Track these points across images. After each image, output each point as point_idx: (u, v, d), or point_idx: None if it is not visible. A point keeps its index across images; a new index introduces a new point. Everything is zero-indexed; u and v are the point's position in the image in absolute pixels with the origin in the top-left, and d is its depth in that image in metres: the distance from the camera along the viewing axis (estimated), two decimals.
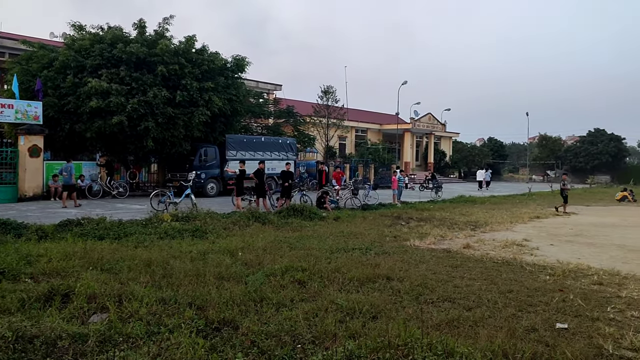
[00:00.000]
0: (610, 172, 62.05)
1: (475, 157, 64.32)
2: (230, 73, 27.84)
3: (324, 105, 42.90)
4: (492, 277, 8.72)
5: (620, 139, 64.46)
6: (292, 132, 37.83)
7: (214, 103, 25.18)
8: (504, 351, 4.81)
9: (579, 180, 59.85)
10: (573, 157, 65.12)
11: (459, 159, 63.97)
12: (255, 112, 36.02)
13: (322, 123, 42.95)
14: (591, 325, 6.20)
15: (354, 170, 40.92)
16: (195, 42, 26.54)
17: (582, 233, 15.36)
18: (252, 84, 40.16)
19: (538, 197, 32.16)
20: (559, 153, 67.41)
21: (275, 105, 39.96)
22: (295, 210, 16.52)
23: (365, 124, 56.68)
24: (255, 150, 29.07)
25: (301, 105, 44.15)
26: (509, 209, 22.57)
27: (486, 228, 15.67)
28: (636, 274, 9.32)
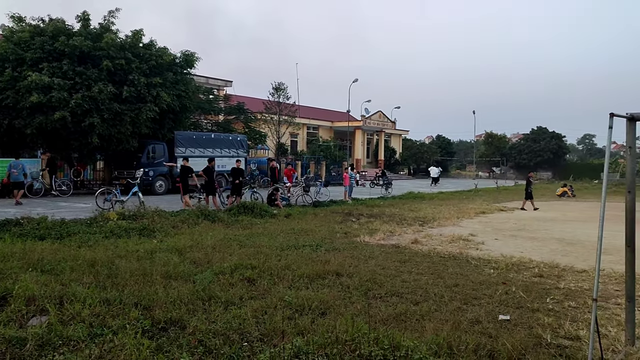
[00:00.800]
0: (552, 168, 64.53)
1: (424, 155, 65.61)
2: (179, 69, 27.33)
3: (275, 102, 42.78)
4: (439, 271, 8.92)
5: (560, 136, 67.09)
6: (243, 129, 37.53)
7: (163, 99, 24.67)
8: (449, 343, 4.93)
9: (522, 176, 61.93)
10: (517, 154, 67.31)
11: (408, 156, 65.08)
12: (205, 109, 35.54)
13: (273, 120, 42.82)
14: (531, 316, 6.44)
15: (306, 167, 40.99)
16: (143, 36, 25.91)
17: (524, 227, 15.92)
18: (201, 80, 39.57)
19: (484, 193, 33.12)
20: (504, 150, 69.53)
21: (225, 102, 39.53)
22: (245, 207, 16.40)
23: (317, 121, 56.85)
24: (205, 147, 28.68)
25: (252, 101, 43.86)
26: (456, 204, 23.13)
27: (434, 223, 16.01)
28: (574, 266, 9.73)
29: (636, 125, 5.52)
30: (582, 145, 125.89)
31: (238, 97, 41.99)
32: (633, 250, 5.57)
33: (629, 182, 5.78)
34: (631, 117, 5.49)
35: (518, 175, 62.85)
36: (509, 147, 70.68)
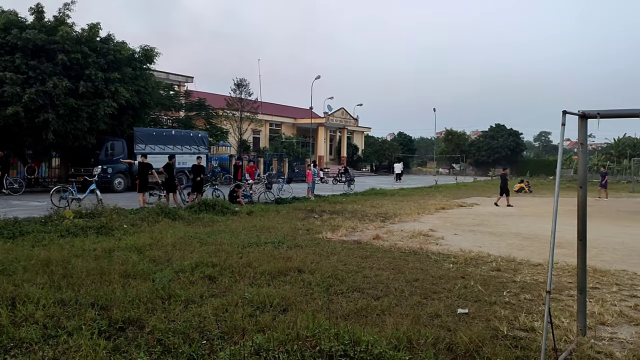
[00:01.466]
0: (509, 165, 65.98)
1: (386, 151, 66.20)
2: (138, 64, 26.80)
3: (237, 99, 42.39)
4: (400, 266, 9.02)
5: (518, 134, 68.76)
6: (204, 126, 37.09)
7: (121, 94, 24.14)
8: (409, 337, 4.99)
9: (481, 172, 63.27)
10: (476, 150, 68.64)
11: (370, 153, 65.55)
12: (166, 105, 34.97)
13: (235, 116, 42.43)
14: (489, 309, 6.58)
15: (268, 164, 40.82)
16: (100, 30, 25.29)
17: (483, 222, 16.25)
18: (162, 75, 38.88)
19: (444, 189, 33.65)
20: (464, 147, 70.82)
21: (186, 98, 38.98)
22: (207, 205, 16.22)
23: (280, 117, 56.65)
24: (165, 143, 28.21)
25: (214, 98, 43.36)
26: (417, 200, 23.43)
27: (395, 219, 16.18)
28: (530, 259, 9.99)
29: (587, 123, 5.71)
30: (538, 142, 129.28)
31: (199, 93, 41.46)
32: (584, 243, 5.76)
33: (580, 178, 5.96)
34: (582, 114, 5.66)
35: (477, 172, 64.12)
36: (469, 144, 71.99)
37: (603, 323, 6.19)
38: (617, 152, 61.33)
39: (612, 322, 6.21)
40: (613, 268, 9.30)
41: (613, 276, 8.67)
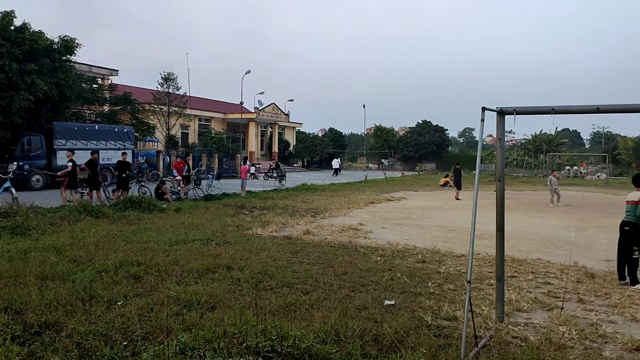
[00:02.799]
0: (435, 160, 68.21)
1: (318, 147, 66.57)
2: (58, 55, 25.47)
3: (164, 93, 41.16)
4: (329, 260, 9.12)
5: (443, 130, 71.08)
6: (130, 121, 35.82)
7: (38, 87, 22.88)
8: (336, 330, 5.05)
9: (409, 168, 64.95)
10: (404, 146, 70.34)
11: (302, 149, 65.72)
12: (88, 99, 33.45)
13: (162, 111, 41.23)
14: (414, 300, 6.77)
15: (197, 160, 40.02)
16: (14, 18, 23.83)
17: (410, 216, 16.70)
18: (84, 67, 37.19)
19: (373, 184, 34.29)
20: (392, 143, 72.38)
21: (111, 92, 37.47)
22: (132, 202, 15.69)
23: (209, 112, 55.65)
24: (88, 139, 27.03)
25: (140, 92, 41.97)
26: (347, 195, 23.73)
27: (325, 214, 16.32)
28: (453, 251, 10.37)
29: (505, 119, 5.98)
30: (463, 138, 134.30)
31: (125, 87, 39.98)
32: (502, 234, 6.04)
33: (498, 172, 6.24)
34: (501, 111, 5.93)
35: (405, 167, 65.76)
36: (397, 139, 73.65)
37: (519, 309, 6.53)
38: (534, 148, 64.71)
39: (527, 308, 6.57)
40: (529, 257, 9.83)
41: (529, 265, 9.16)
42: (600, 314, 6.40)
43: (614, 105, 5.77)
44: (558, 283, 7.93)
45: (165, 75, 41.24)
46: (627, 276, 7.95)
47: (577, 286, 7.76)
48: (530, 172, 53.91)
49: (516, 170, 56.54)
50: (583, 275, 8.43)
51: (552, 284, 7.86)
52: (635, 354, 5.12)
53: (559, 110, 5.71)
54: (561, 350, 4.94)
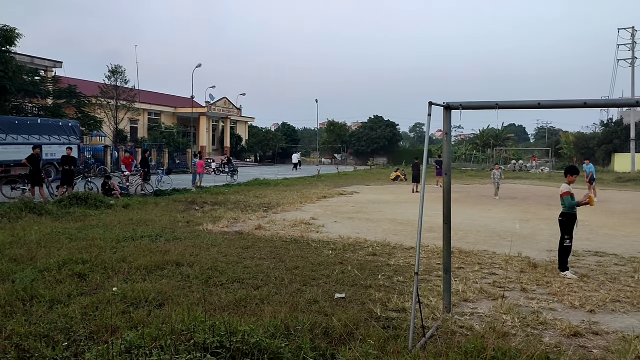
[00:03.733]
0: (387, 154, 69.05)
1: (270, 142, 66.29)
2: None
3: (112, 86, 40.05)
4: (281, 255, 9.11)
5: (394, 125, 72.03)
6: (76, 114, 34.65)
7: None
8: (287, 325, 5.05)
9: (361, 162, 65.53)
10: (357, 141, 70.90)
11: (254, 144, 65.26)
12: (30, 92, 32.14)
13: (110, 105, 40.10)
14: (365, 293, 6.85)
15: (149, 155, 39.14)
16: None
17: (362, 210, 16.86)
18: (25, 59, 35.69)
19: (326, 178, 34.43)
20: (345, 138, 72.85)
21: (54, 84, 36.08)
22: (78, 199, 15.20)
23: (159, 106, 54.46)
24: (30, 133, 25.94)
25: (86, 85, 40.62)
26: (299, 190, 23.74)
27: (278, 209, 16.28)
28: (403, 244, 10.53)
29: (452, 114, 6.11)
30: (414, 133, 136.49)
31: (70, 80, 38.55)
32: (449, 227, 6.18)
33: (445, 165, 6.38)
34: (447, 106, 6.05)
35: (358, 162, 66.30)
36: (349, 134, 74.14)
37: (466, 300, 6.70)
38: (482, 142, 66.46)
39: (473, 298, 6.75)
40: (476, 249, 10.11)
41: (476, 256, 9.42)
42: (541, 302, 6.64)
43: (553, 101, 5.99)
44: (503, 273, 8.17)
45: (113, 68, 40.14)
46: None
47: (520, 276, 8.03)
48: (478, 166, 55.36)
49: (465, 164, 57.93)
50: (526, 265, 8.73)
51: (497, 275, 8.10)
52: (573, 339, 5.35)
53: (502, 106, 5.88)
54: (504, 338, 5.10)
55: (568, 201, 8.26)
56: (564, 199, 8.31)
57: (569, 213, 8.27)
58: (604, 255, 9.82)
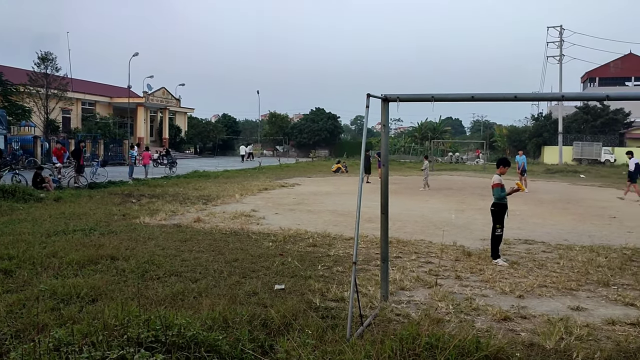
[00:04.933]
0: (329, 146, 69.51)
1: (210, 133, 65.26)
2: None
3: (41, 74, 38.19)
4: (220, 247, 9.01)
5: (336, 117, 72.54)
6: (2, 103, 32.87)
7: None
8: (225, 317, 4.99)
9: (303, 154, 65.66)
10: (298, 133, 70.94)
11: (194, 135, 64.06)
12: None
13: (40, 93, 38.26)
14: (304, 283, 6.88)
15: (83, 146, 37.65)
16: None
17: (303, 201, 16.90)
18: None
19: (267, 170, 34.28)
20: (287, 129, 72.74)
21: None
22: (4, 191, 14.44)
23: (94, 96, 52.47)
24: None
25: (13, 72, 38.57)
26: (240, 182, 23.53)
27: (218, 201, 16.07)
28: (343, 234, 10.64)
29: (390, 106, 6.19)
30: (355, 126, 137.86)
31: None
32: (387, 217, 6.28)
33: (383, 157, 6.47)
34: (385, 97, 6.13)
35: (299, 154, 66.37)
36: (291, 126, 74.09)
37: (403, 288, 6.85)
38: (420, 135, 67.99)
39: (410, 286, 6.91)
40: (413, 238, 10.35)
41: (413, 245, 9.64)
42: (474, 289, 6.88)
43: (486, 94, 6.20)
44: (438, 262, 8.41)
45: (43, 55, 38.27)
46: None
47: (455, 264, 8.29)
48: (416, 158, 56.60)
49: (404, 156, 59.11)
50: (461, 253, 9.02)
51: (433, 263, 8.32)
52: (503, 323, 5.58)
53: (438, 98, 6.03)
54: (438, 324, 5.25)
55: (497, 192, 8.59)
56: (494, 190, 8.64)
57: (500, 203, 8.60)
58: (532, 242, 10.28)
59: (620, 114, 53.17)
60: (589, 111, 53.13)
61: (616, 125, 53.19)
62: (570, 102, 58.42)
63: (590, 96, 11.64)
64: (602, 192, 21.82)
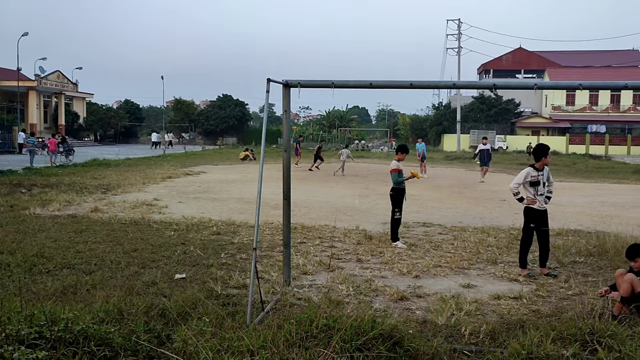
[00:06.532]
0: (237, 134, 68.55)
1: (112, 120, 62.23)
2: None
3: None
4: (119, 238, 8.66)
5: (244, 104, 71.58)
6: None
7: None
8: (119, 309, 4.80)
9: (210, 142, 64.37)
10: (205, 120, 69.29)
11: (94, 122, 60.73)
12: None
13: None
14: (206, 272, 6.77)
15: None
16: None
17: (208, 190, 16.59)
18: None
19: (173, 158, 33.26)
20: (193, 116, 70.81)
21: None
22: None
23: None
24: None
25: None
26: (143, 170, 22.67)
27: (118, 190, 15.39)
28: (248, 222, 10.56)
29: (291, 91, 6.19)
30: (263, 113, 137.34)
31: None
32: (289, 202, 6.31)
33: (284, 143, 6.48)
34: (286, 83, 6.12)
35: (206, 141, 65.02)
36: (197, 113, 72.26)
37: (306, 272, 6.94)
38: (328, 123, 68.85)
39: (313, 270, 7.01)
40: (318, 224, 10.48)
41: (317, 231, 9.78)
42: (374, 271, 7.10)
43: (384, 81, 6.36)
44: (341, 246, 8.60)
45: None
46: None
47: (357, 247, 8.51)
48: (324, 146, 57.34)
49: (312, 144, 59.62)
50: (363, 237, 9.27)
51: (336, 247, 8.49)
52: (400, 303, 5.81)
53: (338, 85, 6.09)
54: (338, 306, 5.36)
55: (395, 177, 8.89)
56: (392, 175, 8.93)
57: (399, 188, 8.90)
58: (430, 225, 10.76)
59: (512, 104, 56.79)
60: (484, 101, 56.28)
61: (508, 115, 56.74)
62: (468, 92, 61.84)
63: (479, 84, 12.33)
64: (494, 177, 23.25)
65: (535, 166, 7.08)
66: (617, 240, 8.36)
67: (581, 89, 6.30)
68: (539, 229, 7.09)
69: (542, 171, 7.06)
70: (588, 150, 48.75)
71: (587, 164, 32.94)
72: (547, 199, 7.13)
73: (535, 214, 7.05)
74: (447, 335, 4.79)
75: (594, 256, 8.03)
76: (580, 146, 50.71)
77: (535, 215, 7.05)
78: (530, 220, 7.09)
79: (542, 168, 7.08)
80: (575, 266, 7.59)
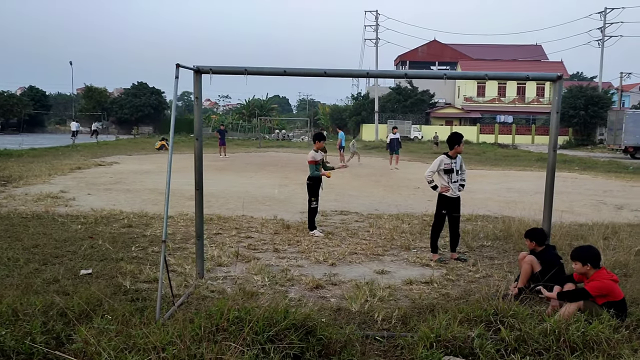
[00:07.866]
0: (153, 123, 66.23)
1: (14, 107, 58.24)
2: None
3: None
4: (18, 233, 8.09)
5: (160, 92, 69.21)
6: None
7: None
8: (14, 309, 4.45)
9: (124, 131, 61.79)
10: (119, 108, 66.39)
11: None
12: None
13: None
14: (115, 266, 6.46)
15: None
16: None
17: (121, 180, 15.88)
18: None
19: (83, 148, 31.59)
20: (106, 105, 67.65)
21: None
22: None
23: None
24: None
25: None
26: (49, 161, 21.34)
27: (20, 182, 14.38)
28: (161, 213, 10.16)
29: (202, 78, 5.99)
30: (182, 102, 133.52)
31: None
32: (201, 193, 6.14)
33: (196, 131, 6.28)
34: (197, 69, 5.92)
35: (120, 130, 62.37)
36: (111, 101, 69.10)
37: (221, 264, 6.78)
38: (248, 112, 68.12)
39: (227, 262, 6.86)
40: (235, 214, 10.30)
41: (234, 221, 9.60)
42: (290, 260, 7.06)
43: (297, 69, 6.29)
44: (258, 236, 8.50)
45: None
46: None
47: (274, 237, 8.44)
48: (244, 135, 56.71)
49: (232, 133, 58.76)
50: (280, 227, 9.20)
51: (253, 238, 8.38)
52: (315, 291, 5.81)
53: (251, 72, 5.96)
54: (252, 298, 5.28)
55: (312, 169, 8.86)
56: (310, 166, 8.89)
57: (315, 177, 8.90)
58: (347, 213, 10.88)
59: (427, 95, 58.65)
60: (400, 92, 57.74)
61: (423, 105, 58.57)
62: (386, 83, 63.22)
63: (392, 74, 12.61)
64: (409, 166, 23.91)
65: (449, 154, 7.29)
66: (521, 224, 8.80)
67: (487, 79, 6.54)
68: (451, 215, 7.33)
69: (455, 159, 7.27)
70: (497, 140, 51.36)
71: (496, 153, 34.71)
72: (460, 187, 7.37)
73: (448, 201, 7.27)
74: (360, 322, 4.84)
75: (500, 240, 8.45)
76: (489, 135, 53.42)
77: (447, 203, 7.28)
78: (443, 207, 7.30)
79: (455, 156, 7.29)
80: (483, 250, 7.94)
